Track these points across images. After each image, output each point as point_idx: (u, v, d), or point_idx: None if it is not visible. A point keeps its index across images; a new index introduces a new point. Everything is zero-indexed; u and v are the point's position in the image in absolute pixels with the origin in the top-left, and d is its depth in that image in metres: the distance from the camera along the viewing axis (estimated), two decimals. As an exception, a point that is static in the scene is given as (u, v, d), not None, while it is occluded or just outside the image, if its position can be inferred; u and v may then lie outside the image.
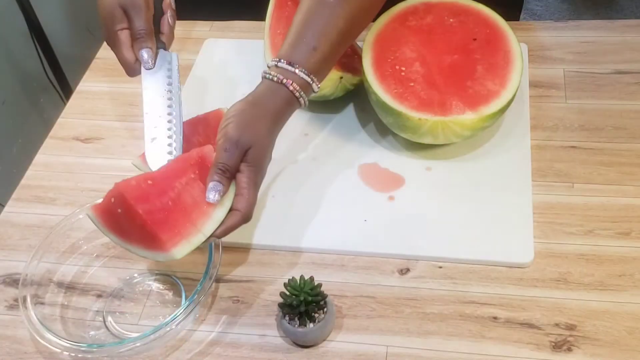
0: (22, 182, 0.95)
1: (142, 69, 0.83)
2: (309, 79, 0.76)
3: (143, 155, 0.91)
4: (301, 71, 0.75)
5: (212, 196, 0.72)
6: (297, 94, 0.76)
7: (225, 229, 0.73)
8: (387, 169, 0.89)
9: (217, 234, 0.73)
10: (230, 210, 0.73)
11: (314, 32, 0.77)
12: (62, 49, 1.83)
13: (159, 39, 0.86)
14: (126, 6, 0.81)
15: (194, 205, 0.73)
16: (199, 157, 0.76)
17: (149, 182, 0.75)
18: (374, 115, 0.94)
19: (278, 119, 0.76)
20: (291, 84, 0.75)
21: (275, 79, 0.75)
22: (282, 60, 0.76)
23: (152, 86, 0.84)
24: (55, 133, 1.02)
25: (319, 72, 0.77)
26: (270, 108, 0.75)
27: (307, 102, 0.78)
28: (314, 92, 0.78)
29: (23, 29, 1.69)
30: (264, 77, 0.77)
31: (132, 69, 0.83)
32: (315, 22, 0.77)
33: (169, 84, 0.84)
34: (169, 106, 0.83)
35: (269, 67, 0.77)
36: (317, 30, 0.77)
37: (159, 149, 0.82)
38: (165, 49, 0.86)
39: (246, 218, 0.73)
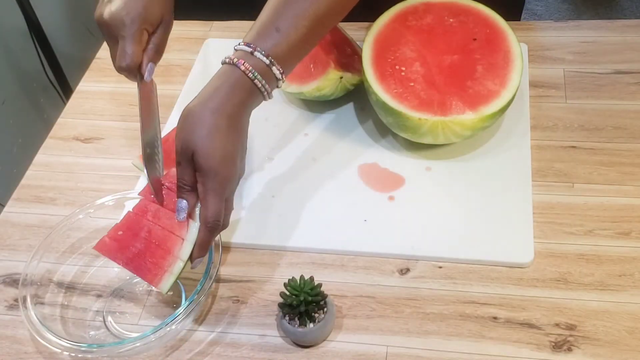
0: (22, 182, 0.95)
1: (140, 81, 0.81)
2: (267, 61, 0.70)
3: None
4: (259, 52, 0.70)
5: (179, 216, 0.72)
6: (250, 75, 0.69)
7: (198, 247, 0.72)
8: (387, 169, 0.89)
9: (194, 255, 0.72)
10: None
11: (280, 17, 0.71)
12: (62, 49, 1.83)
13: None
14: (164, 19, 0.80)
15: (166, 235, 0.74)
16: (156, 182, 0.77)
17: (120, 232, 0.75)
18: (374, 115, 0.94)
19: (230, 110, 0.69)
20: (243, 64, 0.69)
21: (227, 60, 0.71)
22: (241, 43, 0.71)
23: (148, 102, 0.83)
24: (55, 133, 1.02)
25: (282, 57, 0.71)
26: (215, 99, 0.69)
27: (267, 89, 0.71)
28: (277, 79, 0.72)
29: (23, 29, 1.69)
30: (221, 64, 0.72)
31: (131, 69, 0.79)
32: (285, 6, 0.72)
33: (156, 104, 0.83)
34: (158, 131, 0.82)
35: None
36: (285, 14, 0.71)
37: (154, 165, 0.80)
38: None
39: (214, 228, 0.70)
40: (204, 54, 1.09)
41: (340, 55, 0.95)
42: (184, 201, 0.72)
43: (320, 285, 0.72)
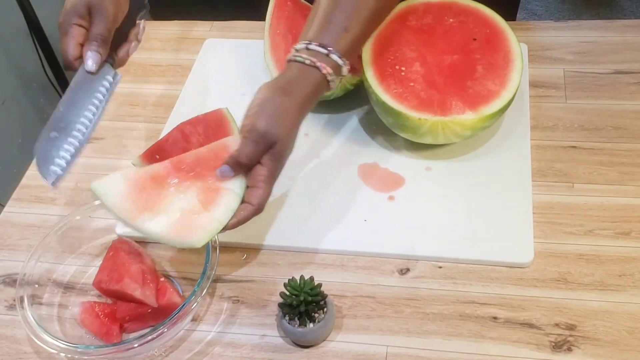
0: (22, 182, 0.95)
1: (81, 71, 0.78)
2: (341, 62, 0.73)
3: (143, 155, 0.91)
4: (334, 54, 0.73)
5: (226, 184, 0.72)
6: (329, 78, 0.73)
7: (238, 221, 0.71)
8: (387, 169, 0.89)
9: (230, 226, 0.71)
10: (243, 202, 0.71)
11: (344, 13, 0.74)
12: (62, 48, 1.83)
13: (111, 55, 0.81)
14: (93, 7, 0.78)
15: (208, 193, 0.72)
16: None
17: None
18: (374, 115, 0.94)
19: (305, 108, 0.73)
20: (324, 68, 0.72)
21: (307, 62, 0.72)
22: (312, 43, 0.73)
23: (80, 91, 0.79)
24: (55, 133, 1.02)
25: (350, 55, 0.75)
26: (300, 96, 0.72)
27: (335, 87, 0.75)
28: (342, 75, 0.75)
29: (23, 29, 1.69)
30: (293, 61, 0.73)
31: (70, 63, 0.78)
32: (345, 2, 0.74)
33: (96, 99, 0.79)
34: (83, 121, 0.78)
35: (297, 50, 0.74)
36: (348, 10, 0.74)
37: (53, 150, 0.76)
38: (112, 66, 0.82)
39: (258, 212, 0.72)
40: (204, 54, 1.09)
41: (340, 55, 0.95)
42: (231, 171, 0.71)
43: (320, 285, 0.72)
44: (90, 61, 0.77)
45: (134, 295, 0.73)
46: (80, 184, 0.94)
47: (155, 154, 0.90)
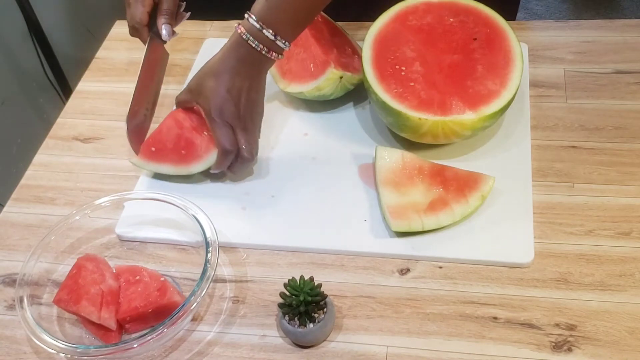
0: (21, 182, 0.95)
1: (151, 42, 0.95)
2: (257, 25, 0.79)
3: (143, 155, 0.90)
4: (251, 18, 0.80)
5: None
6: (244, 37, 0.80)
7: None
8: (387, 169, 0.89)
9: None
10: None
11: None
12: (62, 49, 1.83)
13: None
14: None
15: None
16: None
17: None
18: (374, 115, 0.94)
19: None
20: (239, 27, 0.81)
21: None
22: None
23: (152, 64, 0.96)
24: (55, 133, 1.02)
25: (270, 20, 0.79)
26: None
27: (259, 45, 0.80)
28: (279, 45, 0.80)
29: (22, 29, 1.69)
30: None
31: (137, 29, 0.94)
32: None
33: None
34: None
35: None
36: None
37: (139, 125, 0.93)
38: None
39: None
40: (204, 53, 1.09)
41: (340, 55, 0.95)
42: None
43: (320, 285, 0.72)
44: (165, 32, 0.94)
45: (91, 319, 0.73)
46: (80, 184, 0.94)
47: (151, 146, 0.90)
